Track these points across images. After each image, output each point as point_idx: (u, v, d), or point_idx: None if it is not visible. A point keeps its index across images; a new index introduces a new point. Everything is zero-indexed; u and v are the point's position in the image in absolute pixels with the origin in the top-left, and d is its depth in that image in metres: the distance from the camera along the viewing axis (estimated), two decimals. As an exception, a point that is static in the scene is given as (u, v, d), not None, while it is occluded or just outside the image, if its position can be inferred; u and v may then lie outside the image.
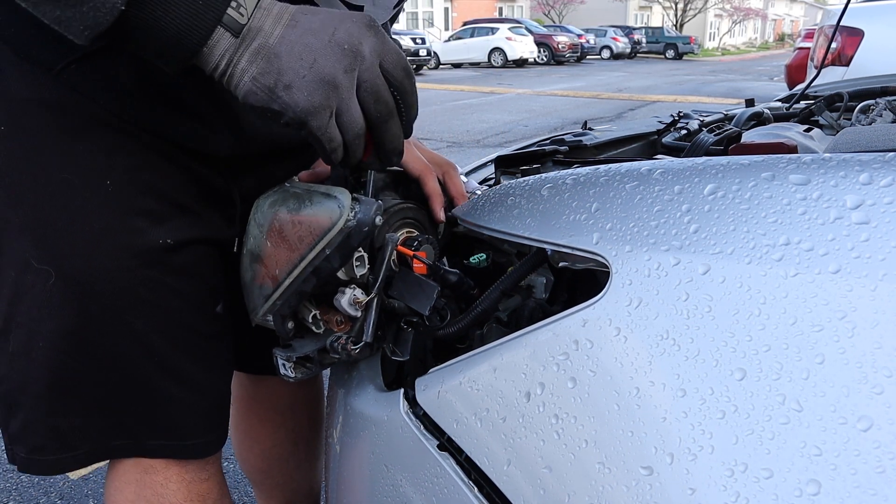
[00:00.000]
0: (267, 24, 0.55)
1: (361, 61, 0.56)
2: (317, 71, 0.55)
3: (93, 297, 0.68)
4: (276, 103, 0.55)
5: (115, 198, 0.67)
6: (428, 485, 0.57)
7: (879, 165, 0.42)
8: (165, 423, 0.74)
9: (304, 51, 0.55)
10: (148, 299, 0.70)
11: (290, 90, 0.55)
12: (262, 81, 0.54)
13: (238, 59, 0.54)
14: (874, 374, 0.36)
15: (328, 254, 0.63)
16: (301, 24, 0.55)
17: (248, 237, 0.73)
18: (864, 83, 1.37)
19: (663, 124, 1.21)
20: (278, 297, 0.68)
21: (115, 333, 0.69)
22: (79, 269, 0.67)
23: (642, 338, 0.44)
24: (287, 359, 0.67)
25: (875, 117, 1.02)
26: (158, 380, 0.73)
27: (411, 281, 0.67)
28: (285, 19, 0.55)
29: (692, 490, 0.39)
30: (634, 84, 14.20)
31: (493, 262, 0.75)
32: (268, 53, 0.54)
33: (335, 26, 0.56)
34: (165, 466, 0.76)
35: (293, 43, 0.55)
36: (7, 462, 1.91)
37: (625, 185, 0.53)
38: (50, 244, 0.67)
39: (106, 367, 0.70)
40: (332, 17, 0.57)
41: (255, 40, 0.54)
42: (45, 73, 0.64)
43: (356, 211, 0.62)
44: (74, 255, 0.67)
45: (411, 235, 0.73)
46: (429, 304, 0.64)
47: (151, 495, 0.77)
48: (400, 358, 0.72)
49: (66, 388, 0.71)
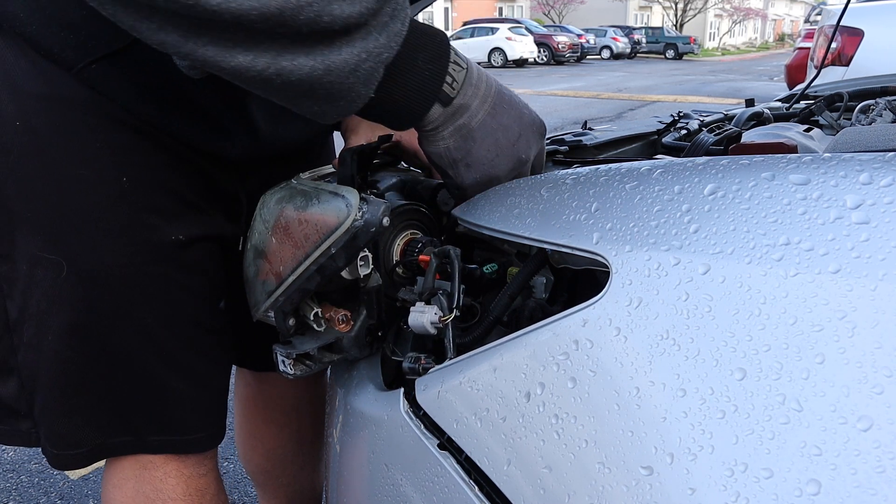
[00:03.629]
0: (474, 105, 0.63)
1: (523, 166, 0.68)
2: (494, 165, 0.66)
3: (104, 292, 0.69)
4: (452, 171, 0.66)
5: (130, 194, 0.68)
6: (428, 484, 0.57)
7: (879, 165, 0.42)
8: (169, 417, 0.75)
9: (493, 145, 0.65)
10: (157, 294, 0.71)
11: (469, 169, 0.65)
12: (453, 154, 0.64)
13: (444, 129, 0.63)
14: (874, 374, 0.36)
15: (333, 253, 0.63)
16: (498, 115, 0.65)
17: (252, 232, 0.73)
18: (864, 83, 1.37)
19: (663, 124, 1.21)
20: (281, 293, 0.68)
21: (124, 328, 0.71)
22: (91, 263, 0.68)
23: (642, 338, 0.44)
24: (287, 355, 0.67)
25: (875, 117, 1.02)
26: (164, 374, 0.74)
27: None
28: (488, 104, 0.64)
29: (692, 490, 0.39)
30: (634, 84, 14.20)
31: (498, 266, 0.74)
32: (466, 134, 0.63)
33: (520, 132, 0.67)
34: (164, 462, 0.77)
35: (487, 133, 0.64)
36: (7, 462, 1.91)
37: (625, 184, 0.53)
38: (62, 239, 0.67)
39: (112, 362, 0.72)
40: (521, 118, 0.67)
41: (462, 118, 0.63)
42: (63, 71, 0.64)
43: (364, 211, 0.62)
44: (87, 251, 0.68)
45: (415, 237, 0.73)
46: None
47: (150, 490, 0.77)
48: (400, 358, 0.72)
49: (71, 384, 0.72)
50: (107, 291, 0.69)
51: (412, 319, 0.62)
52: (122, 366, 0.72)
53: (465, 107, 0.62)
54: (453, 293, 0.62)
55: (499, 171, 0.66)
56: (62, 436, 0.73)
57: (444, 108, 0.61)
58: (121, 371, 0.72)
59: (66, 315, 0.69)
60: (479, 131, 0.63)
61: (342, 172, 0.67)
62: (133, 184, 0.68)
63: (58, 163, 0.66)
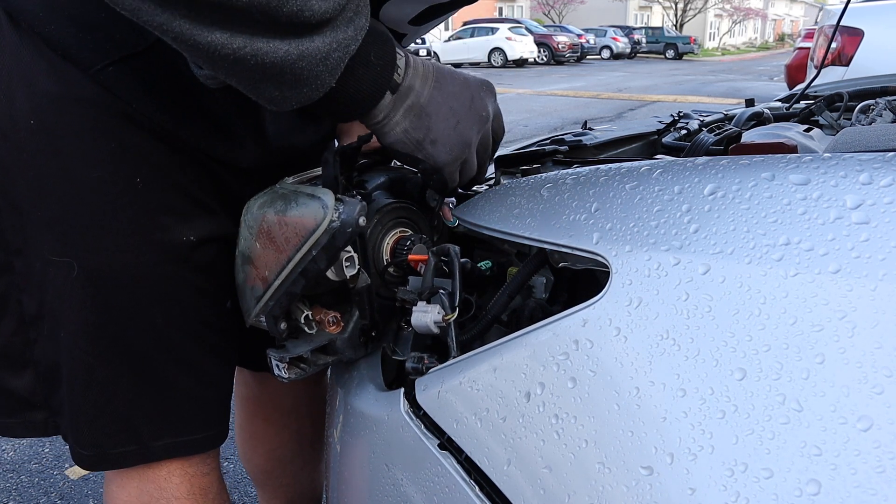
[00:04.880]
0: (417, 83, 0.64)
1: (486, 123, 0.69)
2: (459, 132, 0.66)
3: (115, 292, 0.70)
4: (420, 153, 0.66)
5: (144, 195, 0.69)
6: (428, 484, 0.57)
7: (879, 165, 0.42)
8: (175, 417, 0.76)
9: (449, 113, 0.65)
10: (168, 294, 0.72)
11: (436, 145, 0.65)
12: (413, 135, 0.64)
13: (394, 114, 0.63)
14: (874, 374, 0.36)
15: (314, 255, 0.63)
16: (444, 86, 0.65)
17: (239, 239, 0.74)
18: (864, 83, 1.37)
19: (663, 124, 1.21)
20: (269, 298, 0.69)
21: (135, 327, 0.71)
22: (103, 263, 0.68)
23: (642, 338, 0.44)
24: (280, 359, 0.67)
25: (875, 117, 1.02)
26: (173, 373, 0.74)
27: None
28: (430, 80, 0.65)
29: (692, 490, 0.39)
30: (634, 84, 14.20)
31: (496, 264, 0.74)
32: (419, 111, 0.64)
33: (472, 94, 0.67)
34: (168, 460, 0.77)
35: (440, 105, 0.65)
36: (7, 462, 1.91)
37: (625, 185, 0.53)
38: (74, 238, 0.68)
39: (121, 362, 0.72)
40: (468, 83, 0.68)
41: (409, 98, 0.63)
42: (79, 72, 0.65)
43: (340, 212, 0.62)
44: (99, 250, 0.68)
45: (405, 235, 0.72)
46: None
47: (154, 489, 0.77)
48: (400, 358, 0.72)
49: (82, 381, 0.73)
50: (117, 291, 0.69)
51: (415, 320, 0.62)
52: (131, 365, 0.72)
53: (409, 88, 0.63)
54: (455, 292, 0.62)
55: (466, 135, 0.67)
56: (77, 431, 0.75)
57: (393, 94, 0.63)
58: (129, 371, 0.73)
59: (77, 314, 0.70)
60: (430, 106, 0.64)
61: (326, 174, 0.67)
62: (146, 184, 0.69)
63: (71, 162, 0.67)
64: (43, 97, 0.65)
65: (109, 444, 0.74)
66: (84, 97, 0.65)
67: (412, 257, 0.69)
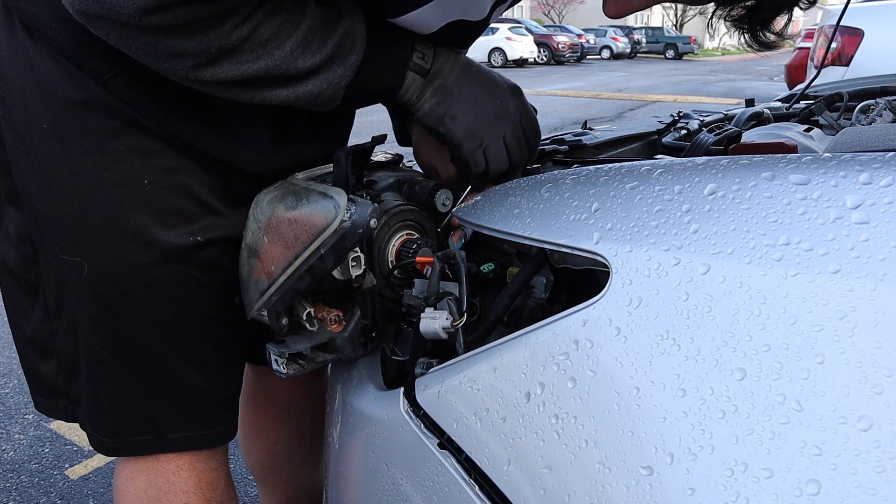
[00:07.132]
0: (445, 69, 0.74)
1: (507, 115, 0.77)
2: (476, 112, 0.75)
3: (124, 291, 0.72)
4: (442, 126, 0.75)
5: (151, 196, 0.71)
6: (428, 483, 0.57)
7: (879, 165, 0.42)
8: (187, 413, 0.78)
9: (469, 97, 0.75)
10: (176, 292, 0.74)
11: (455, 121, 0.74)
12: (437, 111, 0.74)
13: (425, 93, 0.74)
14: (874, 374, 0.36)
15: (322, 253, 0.63)
16: (470, 76, 0.76)
17: (246, 232, 0.74)
18: (864, 83, 1.37)
19: (663, 124, 1.21)
20: (273, 292, 0.69)
21: (143, 325, 0.73)
22: (112, 263, 0.71)
23: (642, 338, 0.44)
24: (279, 354, 0.68)
25: (875, 117, 1.02)
26: (183, 369, 0.76)
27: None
28: (458, 68, 0.75)
29: (692, 490, 0.39)
30: (634, 84, 14.20)
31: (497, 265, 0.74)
32: (445, 92, 0.74)
33: (491, 88, 0.77)
34: (177, 455, 0.80)
35: (463, 89, 0.75)
36: (7, 462, 1.91)
37: (625, 184, 0.53)
38: (85, 239, 0.70)
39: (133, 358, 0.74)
40: (492, 79, 0.77)
41: (437, 80, 0.74)
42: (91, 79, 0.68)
43: (351, 212, 0.62)
44: (109, 250, 0.71)
45: (411, 237, 0.72)
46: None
47: (163, 483, 0.79)
48: (400, 358, 0.72)
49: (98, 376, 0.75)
50: (126, 290, 0.72)
51: (424, 326, 0.62)
52: (142, 362, 0.75)
53: (438, 72, 0.74)
54: (462, 297, 0.62)
55: (482, 115, 0.75)
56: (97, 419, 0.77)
57: (423, 78, 0.73)
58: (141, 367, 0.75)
59: (90, 312, 0.73)
60: (454, 87, 0.74)
61: (337, 173, 0.67)
62: (154, 187, 0.71)
63: (81, 165, 0.69)
64: (56, 102, 0.68)
65: (128, 433, 0.77)
66: (94, 101, 0.68)
67: (420, 259, 0.68)
